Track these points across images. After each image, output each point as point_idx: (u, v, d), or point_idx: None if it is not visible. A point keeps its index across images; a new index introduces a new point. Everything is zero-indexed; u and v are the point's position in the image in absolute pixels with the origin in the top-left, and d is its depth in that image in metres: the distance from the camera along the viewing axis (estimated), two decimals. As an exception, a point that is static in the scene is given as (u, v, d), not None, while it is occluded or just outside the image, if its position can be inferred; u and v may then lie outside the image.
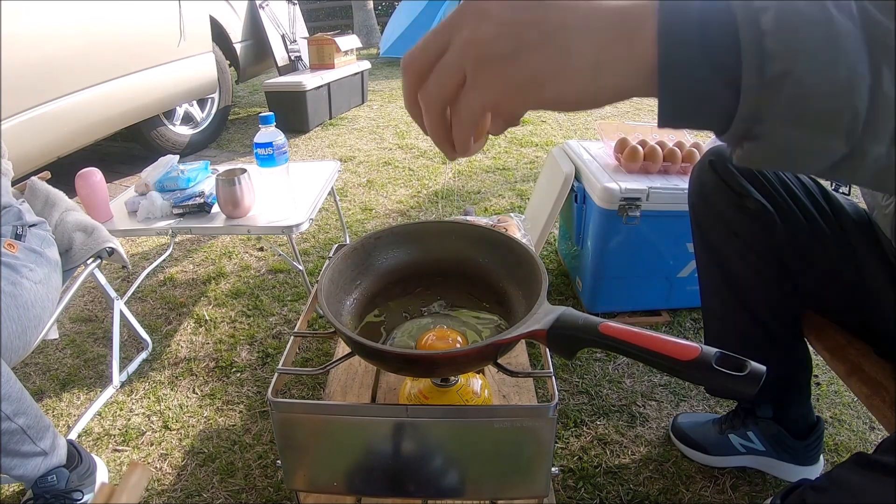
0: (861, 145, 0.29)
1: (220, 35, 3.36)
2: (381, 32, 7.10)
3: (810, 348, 0.99)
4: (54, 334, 1.28)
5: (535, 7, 0.31)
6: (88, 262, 1.27)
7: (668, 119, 0.31)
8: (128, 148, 3.42)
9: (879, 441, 0.64)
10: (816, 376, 1.15)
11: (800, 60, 0.27)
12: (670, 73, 0.29)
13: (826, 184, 0.93)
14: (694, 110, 0.30)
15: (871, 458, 0.56)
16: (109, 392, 1.39)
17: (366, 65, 4.28)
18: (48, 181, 1.38)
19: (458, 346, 0.72)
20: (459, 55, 0.33)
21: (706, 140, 1.69)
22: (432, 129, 0.36)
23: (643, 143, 1.55)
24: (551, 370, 0.76)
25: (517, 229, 1.22)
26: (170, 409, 1.35)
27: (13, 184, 1.24)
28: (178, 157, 1.74)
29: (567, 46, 0.30)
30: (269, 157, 1.61)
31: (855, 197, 0.99)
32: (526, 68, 0.31)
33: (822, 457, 1.12)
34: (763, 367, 0.46)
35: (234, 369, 1.48)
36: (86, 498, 1.06)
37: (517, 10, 0.31)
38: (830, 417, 1.29)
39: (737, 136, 0.30)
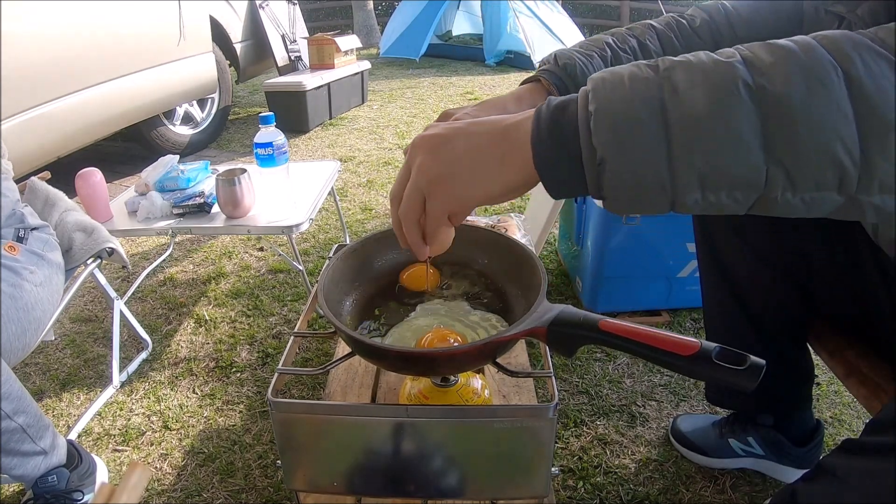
0: (677, 197, 0.39)
1: (220, 35, 3.36)
2: (381, 32, 7.11)
3: (811, 352, 0.99)
4: (50, 335, 1.28)
5: (453, 136, 0.47)
6: (88, 262, 1.27)
7: (554, 195, 0.44)
8: (128, 148, 3.42)
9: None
10: (816, 376, 1.15)
11: (610, 152, 0.39)
12: (545, 173, 0.43)
13: None
14: (566, 188, 0.43)
15: (857, 441, 0.56)
16: (109, 392, 1.39)
17: (366, 65, 4.28)
18: (48, 181, 1.38)
19: (458, 344, 0.72)
20: (415, 181, 0.48)
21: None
22: (410, 237, 0.51)
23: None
24: (551, 370, 0.76)
25: (517, 229, 1.22)
26: (170, 409, 1.35)
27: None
28: (178, 157, 1.74)
29: (477, 161, 0.45)
30: (269, 157, 1.61)
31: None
32: (454, 183, 0.46)
33: (821, 458, 1.12)
34: (762, 361, 0.46)
35: (234, 369, 1.48)
36: (86, 498, 1.06)
37: (442, 143, 0.47)
38: (830, 417, 1.29)
39: (596, 198, 0.43)
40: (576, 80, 0.69)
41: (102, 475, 1.14)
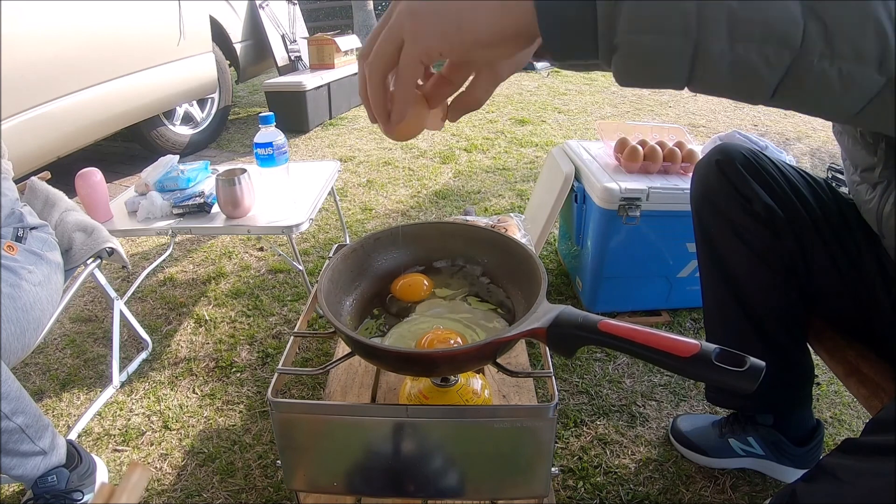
0: (702, 43, 0.33)
1: (220, 35, 3.35)
2: (381, 32, 7.10)
3: (811, 352, 0.99)
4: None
5: None
6: (88, 262, 1.27)
7: (551, 47, 0.37)
8: (128, 148, 3.42)
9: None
10: (816, 376, 1.15)
11: None
12: (545, 10, 0.36)
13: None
14: (568, 40, 0.37)
15: (857, 441, 0.56)
16: (109, 392, 1.39)
17: (366, 65, 4.28)
18: (48, 181, 1.38)
19: (458, 345, 0.72)
20: (395, 22, 0.40)
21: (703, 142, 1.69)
22: (374, 97, 0.43)
23: (643, 143, 1.55)
24: (551, 370, 0.76)
25: (517, 229, 1.22)
26: (170, 409, 1.35)
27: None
28: (178, 157, 1.74)
29: (473, 9, 0.38)
30: (269, 157, 1.61)
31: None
32: (448, 15, 0.38)
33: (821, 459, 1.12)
34: (762, 363, 0.46)
35: (234, 369, 1.48)
36: (86, 498, 1.06)
37: None
38: (830, 417, 1.29)
39: (605, 54, 0.36)
40: None
41: (102, 475, 1.14)
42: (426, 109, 0.45)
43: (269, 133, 1.61)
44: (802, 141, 3.42)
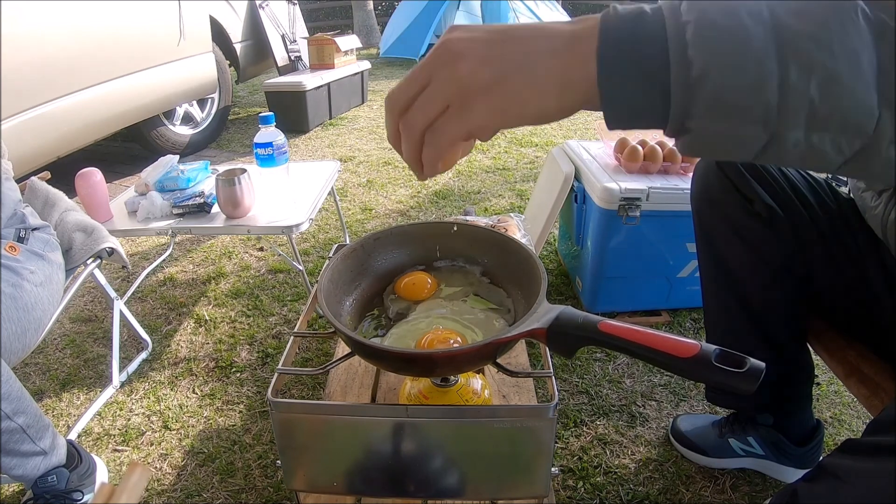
0: (779, 132, 0.33)
1: (220, 35, 3.36)
2: (381, 32, 7.11)
3: (811, 352, 0.99)
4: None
5: (502, 41, 0.37)
6: (88, 262, 1.27)
7: (614, 124, 0.37)
8: (128, 148, 3.42)
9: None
10: (816, 376, 1.15)
11: (714, 64, 0.32)
12: (609, 88, 0.35)
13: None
14: (634, 116, 0.36)
15: (858, 441, 0.56)
16: (109, 392, 1.39)
17: (366, 65, 4.28)
18: (48, 181, 1.38)
19: (457, 345, 0.72)
20: (443, 90, 0.38)
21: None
22: (409, 152, 0.41)
23: (643, 143, 1.55)
24: (551, 370, 0.76)
25: (517, 229, 1.22)
26: (170, 409, 1.35)
27: (13, 184, 1.24)
28: (178, 157, 1.74)
29: (535, 72, 0.36)
30: (269, 157, 1.61)
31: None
32: (504, 95, 0.37)
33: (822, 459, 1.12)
34: (762, 364, 0.46)
35: (234, 369, 1.48)
36: (86, 498, 1.06)
37: (489, 46, 0.37)
38: (830, 417, 1.29)
39: (674, 131, 0.36)
40: None
41: (102, 475, 1.14)
42: (459, 149, 0.44)
43: (269, 133, 1.61)
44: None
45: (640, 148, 1.53)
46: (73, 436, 1.25)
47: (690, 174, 1.52)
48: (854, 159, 0.35)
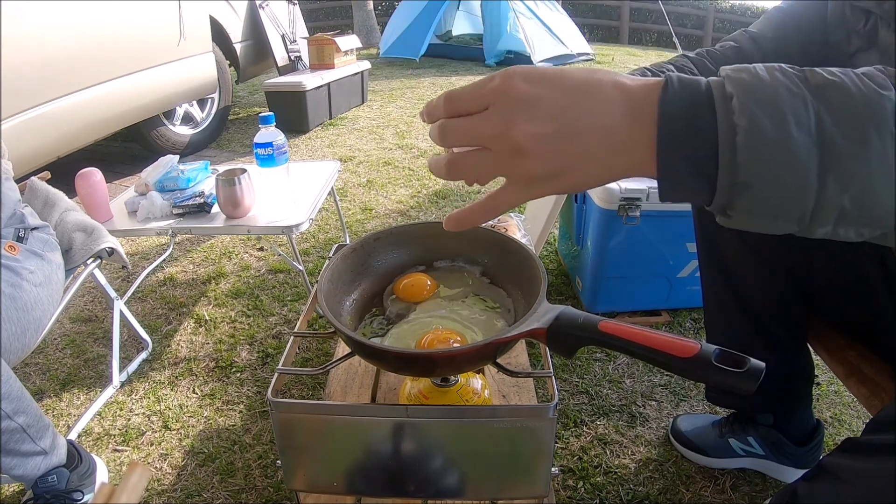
0: (809, 227, 0.36)
1: (220, 35, 3.35)
2: (381, 32, 7.10)
3: (811, 352, 0.98)
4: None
5: (565, 136, 0.37)
6: (88, 262, 1.27)
7: (666, 200, 0.39)
8: (128, 148, 3.42)
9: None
10: (816, 376, 1.15)
11: (759, 176, 0.34)
12: (665, 178, 0.37)
13: None
14: (685, 198, 0.39)
15: (858, 440, 0.56)
16: (109, 392, 1.39)
17: (366, 65, 4.28)
18: (48, 181, 1.38)
19: (457, 345, 0.72)
20: (502, 170, 0.40)
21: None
22: (449, 175, 0.43)
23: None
24: (551, 370, 0.76)
25: (517, 229, 1.22)
26: (170, 409, 1.35)
27: (13, 184, 1.24)
28: (178, 157, 1.74)
29: (593, 168, 0.38)
30: (269, 157, 1.61)
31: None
32: (559, 185, 0.39)
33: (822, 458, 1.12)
34: (762, 364, 0.46)
35: (234, 369, 1.48)
36: (86, 498, 1.06)
37: (553, 140, 0.37)
38: (830, 417, 1.29)
39: (715, 212, 0.39)
40: None
41: (102, 475, 1.14)
42: None
43: (269, 133, 1.61)
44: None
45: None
46: (73, 436, 1.25)
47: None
48: (874, 240, 0.38)
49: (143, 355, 1.52)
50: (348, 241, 1.76)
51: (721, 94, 0.35)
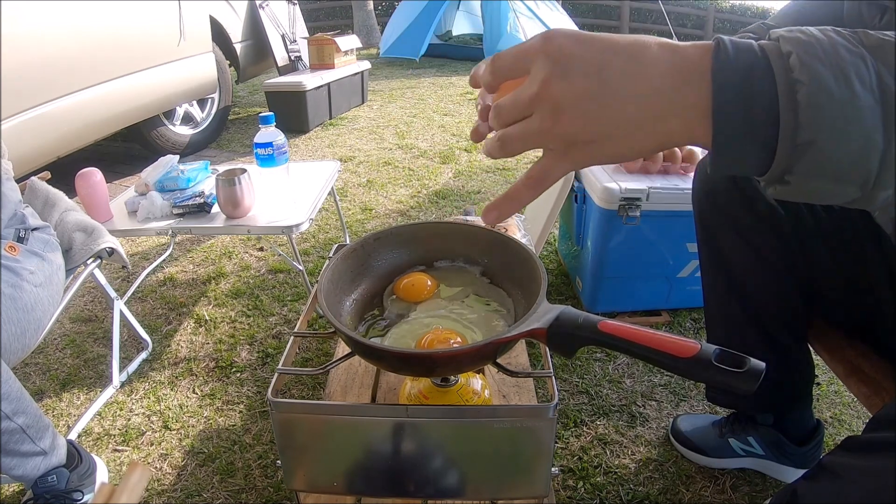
0: (871, 192, 0.35)
1: (220, 35, 3.35)
2: (381, 32, 7.10)
3: (811, 352, 0.98)
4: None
5: (610, 97, 0.36)
6: (88, 262, 1.27)
7: (717, 173, 0.37)
8: (128, 148, 3.42)
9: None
10: (817, 376, 1.15)
11: (823, 132, 0.33)
12: (720, 144, 0.35)
13: None
14: (739, 167, 0.37)
15: (858, 439, 0.56)
16: (109, 392, 1.39)
17: (366, 65, 4.28)
18: (48, 181, 1.38)
19: (457, 345, 0.72)
20: (542, 135, 0.38)
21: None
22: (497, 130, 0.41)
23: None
24: (551, 370, 0.76)
25: (517, 229, 1.22)
26: (170, 409, 1.35)
27: (13, 184, 1.24)
28: (178, 157, 1.74)
29: (638, 134, 0.36)
30: (269, 157, 1.61)
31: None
32: (604, 151, 0.37)
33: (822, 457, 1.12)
34: (762, 364, 0.46)
35: (234, 369, 1.48)
36: (86, 498, 1.06)
37: (594, 100, 0.36)
38: (830, 417, 1.29)
39: (771, 181, 0.37)
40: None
41: (102, 475, 1.14)
42: None
43: (269, 133, 1.61)
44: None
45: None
46: (73, 436, 1.25)
47: (690, 174, 1.52)
48: None
49: (143, 355, 1.52)
50: (348, 241, 1.76)
51: (777, 53, 0.34)
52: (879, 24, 0.69)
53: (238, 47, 3.54)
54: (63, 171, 1.81)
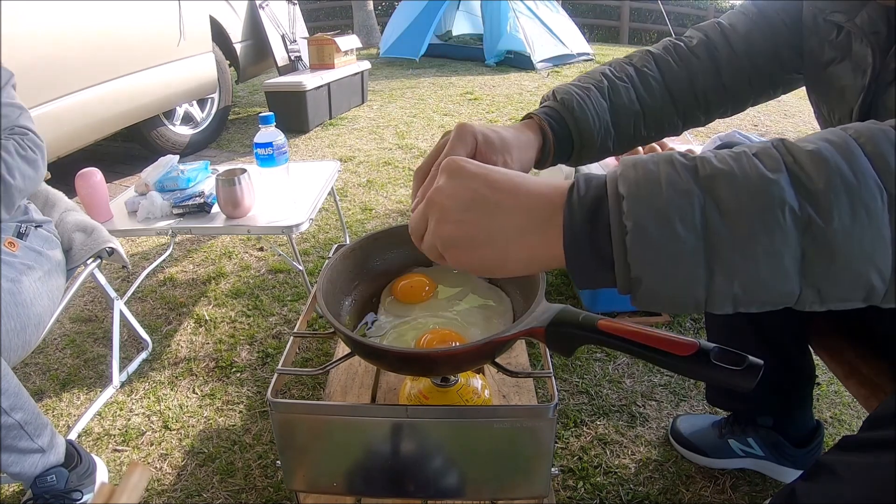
0: (709, 311, 0.39)
1: (220, 35, 3.35)
2: (381, 32, 7.10)
3: (811, 353, 0.98)
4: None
5: (480, 209, 0.43)
6: (88, 262, 1.27)
7: (581, 289, 0.44)
8: (128, 148, 3.42)
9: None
10: (816, 377, 1.15)
11: (647, 272, 0.37)
12: (575, 270, 0.41)
13: None
14: (596, 286, 0.42)
15: (856, 437, 0.56)
16: (109, 392, 1.39)
17: (366, 65, 4.28)
18: (48, 181, 1.38)
19: (457, 344, 0.72)
20: (434, 241, 0.45)
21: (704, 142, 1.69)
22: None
23: (643, 143, 1.55)
24: (551, 370, 0.76)
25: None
26: (170, 409, 1.35)
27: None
28: (178, 157, 1.74)
29: (506, 249, 0.42)
30: (269, 157, 1.61)
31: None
32: (477, 257, 0.44)
33: (820, 456, 1.12)
34: (760, 361, 0.46)
35: (234, 369, 1.48)
36: (85, 498, 1.06)
37: (467, 209, 0.43)
38: (830, 417, 1.29)
39: (623, 295, 0.41)
40: (574, 113, 0.69)
41: (102, 475, 1.14)
42: None
43: (269, 133, 1.61)
44: (802, 141, 3.41)
45: (640, 148, 1.53)
46: (73, 436, 1.25)
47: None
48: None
49: (143, 355, 1.52)
50: (348, 241, 1.76)
51: (614, 193, 0.38)
52: (836, 40, 0.69)
53: (238, 47, 3.54)
54: (63, 171, 1.81)
